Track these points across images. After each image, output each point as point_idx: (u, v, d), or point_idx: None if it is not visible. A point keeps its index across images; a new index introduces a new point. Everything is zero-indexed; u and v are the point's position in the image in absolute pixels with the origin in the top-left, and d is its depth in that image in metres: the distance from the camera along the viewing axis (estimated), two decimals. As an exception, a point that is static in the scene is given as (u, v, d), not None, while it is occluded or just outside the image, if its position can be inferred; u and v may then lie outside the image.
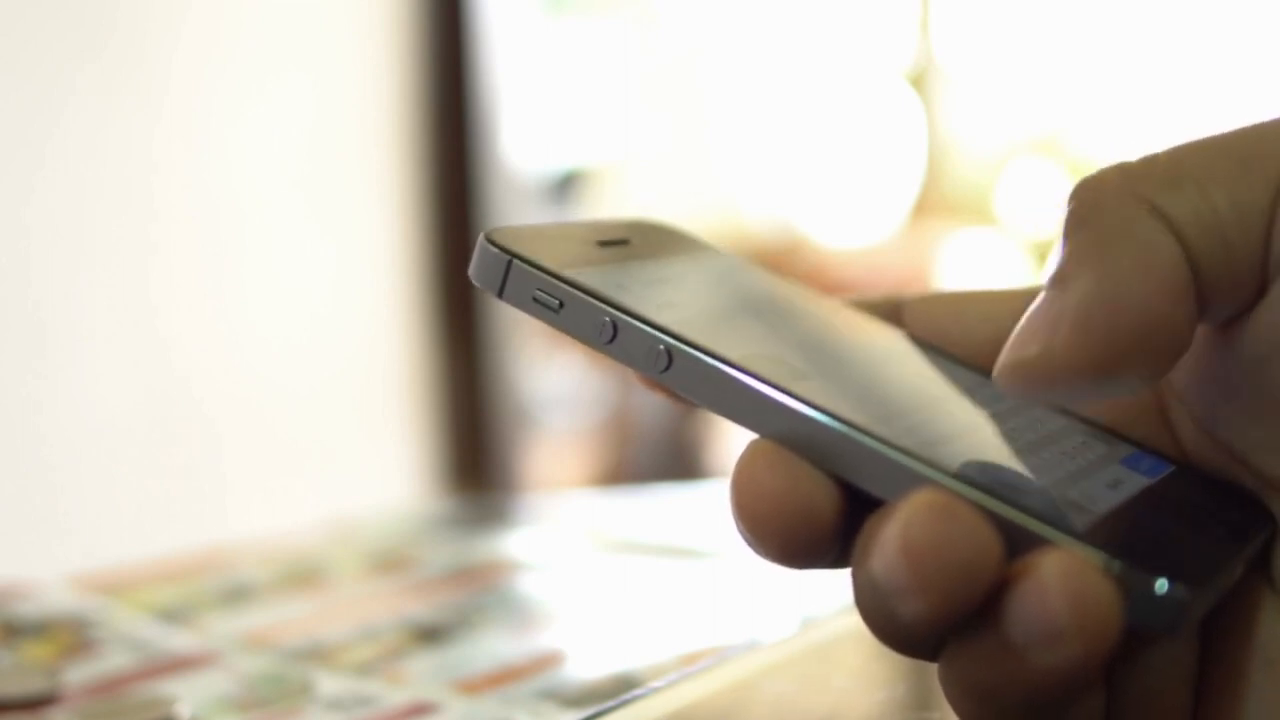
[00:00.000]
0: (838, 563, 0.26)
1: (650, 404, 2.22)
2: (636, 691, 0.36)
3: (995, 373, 0.25)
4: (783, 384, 0.26)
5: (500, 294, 0.28)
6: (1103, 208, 0.25)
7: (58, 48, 1.22)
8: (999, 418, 0.28)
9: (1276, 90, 2.59)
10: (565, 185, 2.64)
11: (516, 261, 0.28)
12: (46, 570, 0.50)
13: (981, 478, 0.25)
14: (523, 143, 1.73)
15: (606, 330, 0.27)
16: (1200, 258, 0.25)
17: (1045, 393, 0.25)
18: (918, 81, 3.04)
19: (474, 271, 0.29)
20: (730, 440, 2.17)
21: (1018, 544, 0.24)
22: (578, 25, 2.75)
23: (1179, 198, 0.25)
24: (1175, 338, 0.25)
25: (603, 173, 2.74)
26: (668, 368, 0.27)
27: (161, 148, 1.32)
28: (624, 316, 0.27)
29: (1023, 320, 0.25)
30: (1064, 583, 0.22)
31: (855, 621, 0.25)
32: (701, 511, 0.59)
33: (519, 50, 1.70)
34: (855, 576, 0.25)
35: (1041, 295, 0.25)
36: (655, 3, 2.87)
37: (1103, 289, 0.24)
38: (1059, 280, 0.25)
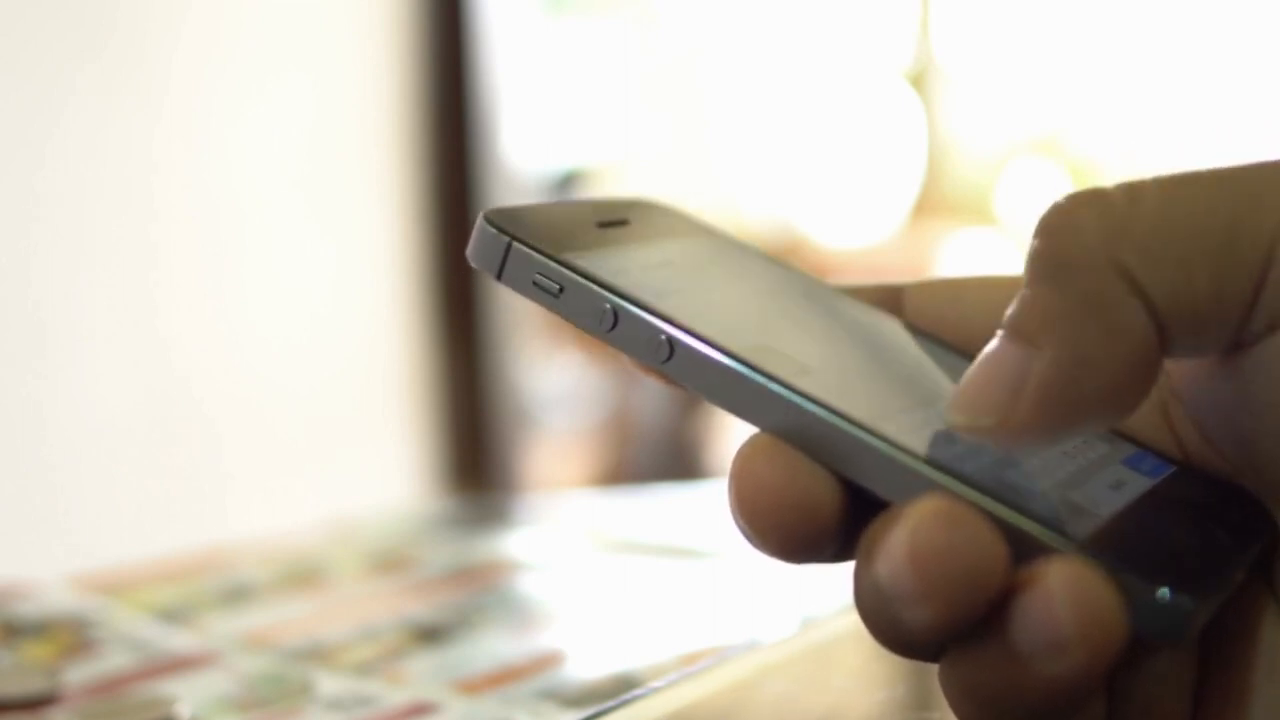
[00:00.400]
0: (837, 557, 0.26)
1: (650, 404, 2.22)
2: (636, 691, 0.36)
3: (948, 420, 0.25)
4: (785, 378, 0.26)
5: (499, 276, 0.28)
6: (1077, 268, 0.24)
7: (58, 48, 1.22)
8: None
9: (1274, 90, 2.59)
10: (565, 185, 2.64)
11: (516, 244, 0.27)
12: (46, 570, 0.50)
13: (986, 481, 0.25)
14: (523, 143, 1.73)
15: (607, 318, 0.27)
16: (1173, 331, 0.24)
17: (1004, 447, 0.25)
18: (918, 81, 3.04)
19: (472, 252, 0.28)
20: (730, 440, 2.17)
21: (1022, 550, 0.23)
22: (578, 25, 2.75)
23: (1157, 272, 0.24)
24: (1132, 403, 0.25)
25: (603, 173, 2.74)
26: (669, 358, 0.26)
27: (161, 148, 1.32)
28: (625, 304, 0.27)
29: (978, 374, 0.25)
30: (1069, 592, 0.22)
31: (855, 621, 0.25)
32: (701, 511, 0.59)
33: (519, 50, 1.70)
34: (858, 580, 0.25)
35: (1000, 346, 0.24)
36: (655, 3, 2.87)
37: (1068, 365, 0.24)
38: (1022, 337, 0.24)
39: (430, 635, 0.43)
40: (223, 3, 1.39)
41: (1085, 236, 0.24)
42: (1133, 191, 0.25)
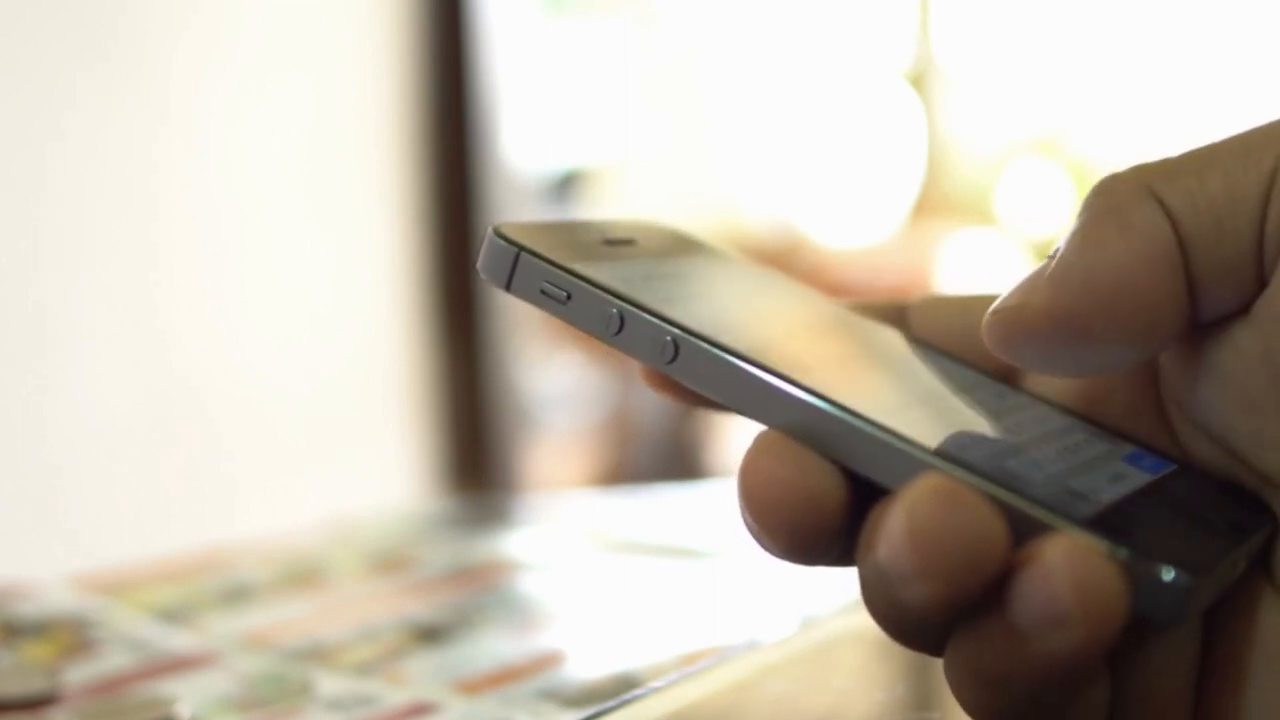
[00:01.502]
0: (841, 559, 0.26)
1: (650, 404, 2.22)
2: (636, 691, 0.36)
3: (982, 328, 0.26)
4: (790, 374, 0.26)
5: (508, 287, 0.28)
6: (1105, 194, 0.26)
7: (59, 49, 1.22)
8: (1002, 414, 0.28)
9: (1277, 91, 2.59)
10: (565, 185, 2.64)
11: (524, 254, 0.28)
12: (46, 570, 0.50)
13: (987, 467, 0.25)
14: (523, 143, 1.73)
15: (614, 322, 0.27)
16: (1192, 240, 0.25)
17: (1025, 347, 0.26)
18: (918, 81, 3.04)
19: (482, 264, 0.29)
20: (730, 440, 2.17)
21: (1022, 531, 0.24)
22: (578, 25, 2.75)
23: (1176, 185, 0.26)
24: (1157, 312, 0.25)
25: (603, 173, 2.74)
26: (674, 359, 0.27)
27: (162, 148, 1.32)
28: (631, 308, 0.27)
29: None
30: (1069, 568, 0.23)
31: (855, 621, 0.25)
32: (701, 511, 0.59)
33: (519, 50, 1.70)
34: (861, 566, 0.25)
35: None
36: (655, 3, 2.88)
37: (1084, 252, 0.25)
38: (1052, 254, 0.26)
39: (430, 635, 0.43)
40: (223, 3, 1.39)
41: (1119, 178, 0.26)
42: (1163, 156, 0.27)
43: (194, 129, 1.35)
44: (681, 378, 0.27)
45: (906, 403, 0.27)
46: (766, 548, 0.26)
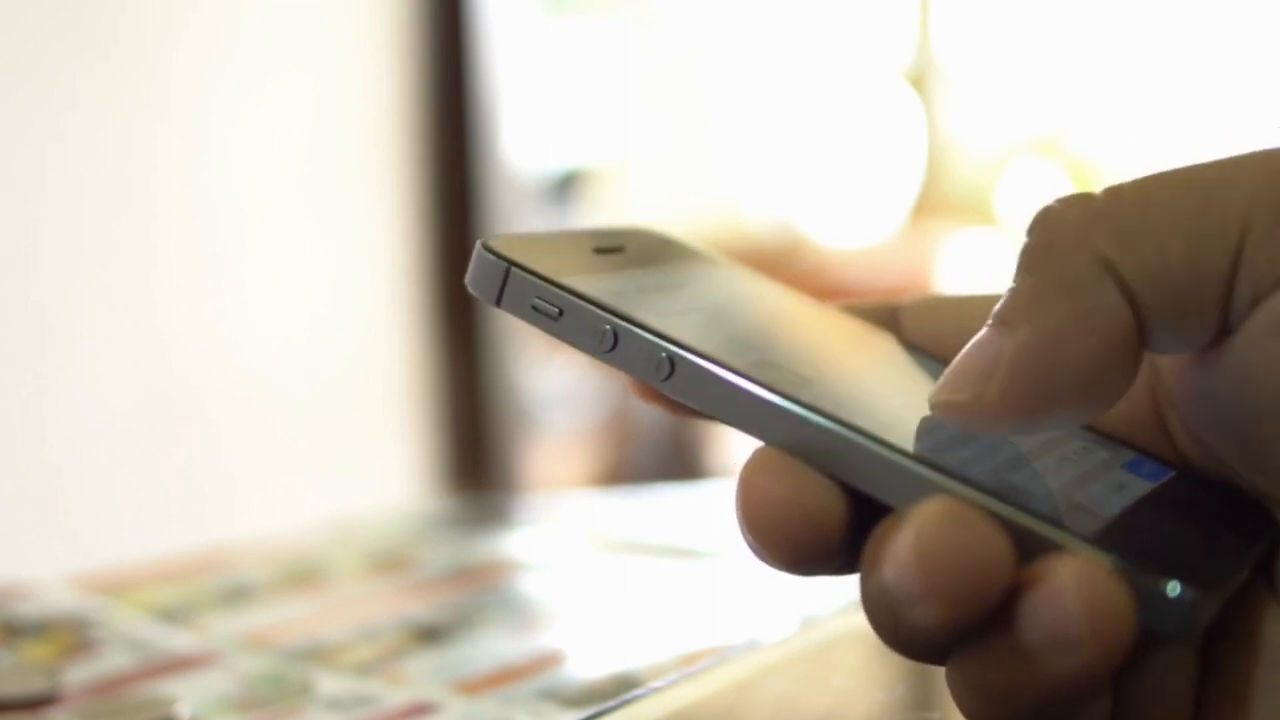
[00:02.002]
0: (844, 569, 0.26)
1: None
2: (636, 691, 0.36)
3: (930, 403, 0.25)
4: (787, 391, 0.26)
5: (498, 303, 0.28)
6: (1054, 252, 0.25)
7: (59, 48, 1.22)
8: None
9: (1273, 91, 2.59)
10: (565, 185, 2.64)
11: (514, 269, 0.28)
12: (46, 570, 0.50)
13: (990, 483, 0.25)
14: (523, 143, 1.73)
15: (607, 338, 0.27)
16: (1149, 311, 0.25)
17: (982, 430, 0.25)
18: (918, 81, 3.04)
19: (471, 280, 0.28)
20: (730, 442, 2.17)
21: (1028, 549, 0.23)
22: (578, 25, 2.75)
23: (1132, 251, 0.24)
24: (1110, 390, 0.25)
25: (603, 173, 2.74)
26: (670, 376, 0.26)
27: (163, 148, 1.32)
28: (625, 324, 0.27)
29: (960, 357, 0.25)
30: (1078, 587, 0.22)
31: (855, 621, 0.25)
32: (701, 511, 0.59)
33: (519, 50, 1.70)
34: (865, 584, 0.25)
35: (983, 333, 0.25)
36: (655, 3, 2.87)
37: (1038, 343, 0.24)
38: (1001, 322, 0.25)
39: (430, 635, 0.43)
40: (223, 3, 1.39)
41: (1065, 226, 0.25)
42: (1114, 190, 0.25)
43: (194, 129, 1.35)
44: (677, 394, 0.27)
45: (904, 415, 0.27)
46: (766, 562, 0.26)
